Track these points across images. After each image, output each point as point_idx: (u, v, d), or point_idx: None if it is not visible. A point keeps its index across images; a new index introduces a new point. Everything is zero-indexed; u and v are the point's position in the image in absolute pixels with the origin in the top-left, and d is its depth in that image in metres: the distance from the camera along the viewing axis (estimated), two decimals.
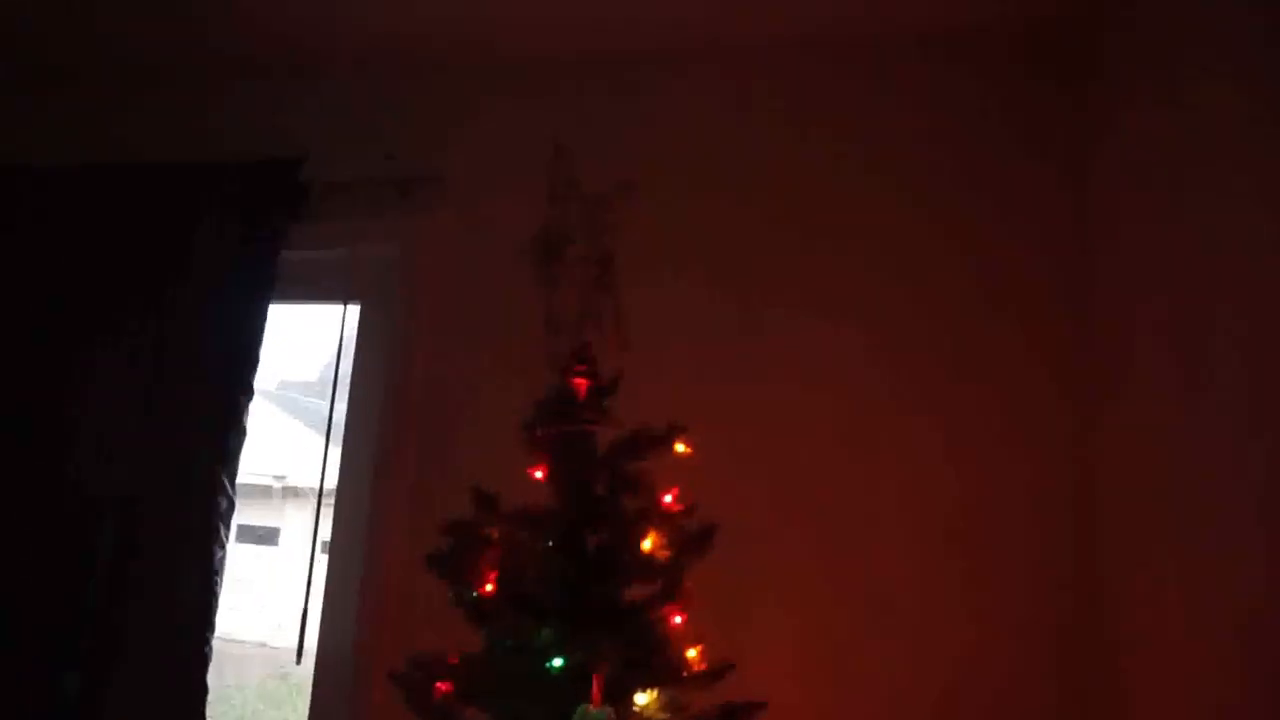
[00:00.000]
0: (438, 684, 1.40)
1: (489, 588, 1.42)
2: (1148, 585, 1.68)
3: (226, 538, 2.07)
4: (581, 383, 1.51)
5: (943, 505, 1.92)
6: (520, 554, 1.45)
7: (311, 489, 2.20)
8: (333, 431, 2.29)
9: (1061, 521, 1.87)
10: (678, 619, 1.40)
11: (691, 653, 1.40)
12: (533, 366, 1.53)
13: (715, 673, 1.40)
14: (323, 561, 2.20)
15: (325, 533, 2.21)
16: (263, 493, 3.75)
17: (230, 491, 2.10)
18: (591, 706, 1.25)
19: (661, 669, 1.37)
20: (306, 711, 2.13)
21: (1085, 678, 1.80)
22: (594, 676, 1.29)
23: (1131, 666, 1.72)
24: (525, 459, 1.50)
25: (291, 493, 3.77)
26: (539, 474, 1.49)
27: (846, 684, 1.85)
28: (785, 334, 2.04)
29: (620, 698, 1.31)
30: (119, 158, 2.38)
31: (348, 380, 2.31)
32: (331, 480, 2.24)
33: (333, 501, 2.23)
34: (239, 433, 2.13)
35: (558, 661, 1.32)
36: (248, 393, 2.16)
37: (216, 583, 2.03)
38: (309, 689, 2.14)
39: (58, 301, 2.28)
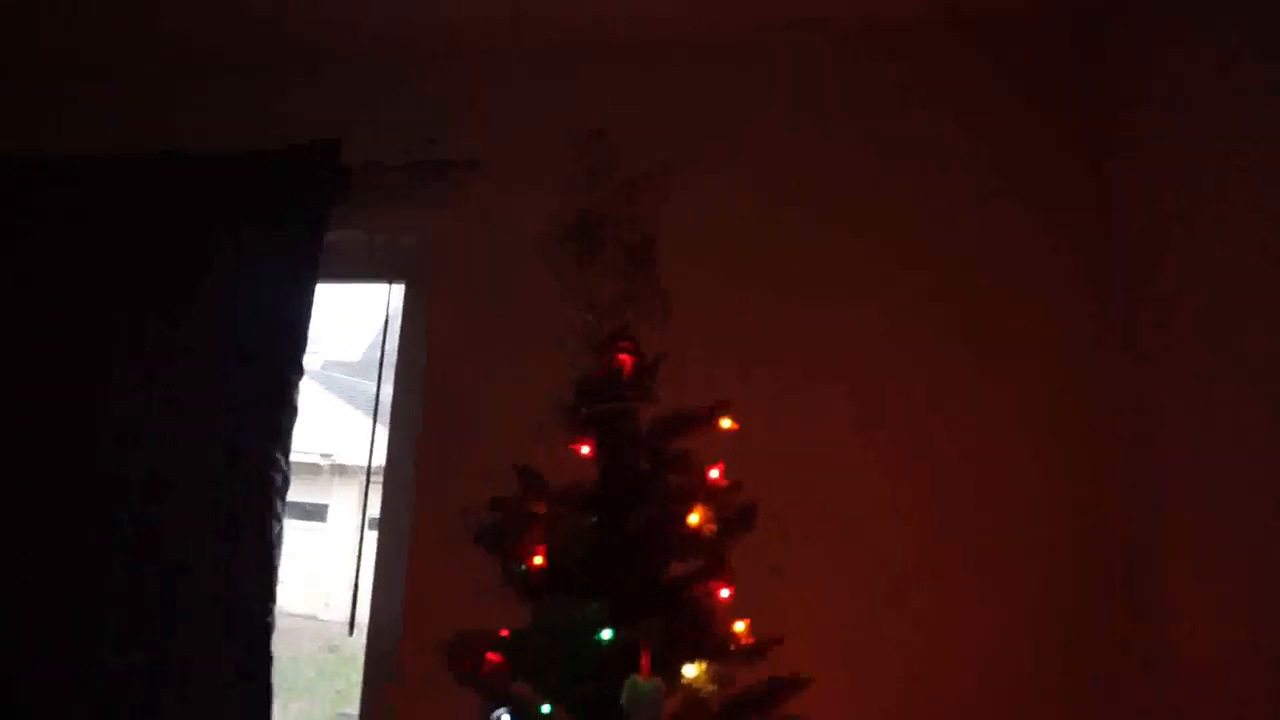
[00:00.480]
0: (488, 654, 1.43)
1: (538, 560, 1.45)
2: (1166, 574, 1.68)
3: (282, 512, 2.12)
4: (627, 359, 1.51)
5: (960, 492, 1.92)
6: (564, 531, 1.47)
7: (358, 466, 2.24)
8: (380, 410, 2.34)
9: (1079, 508, 1.87)
10: (724, 593, 1.41)
11: (739, 626, 1.41)
12: (568, 349, 1.53)
13: (761, 647, 1.41)
14: (372, 537, 2.25)
15: (374, 509, 2.26)
16: (311, 470, 3.84)
17: (285, 468, 2.15)
18: (641, 678, 1.27)
19: (708, 642, 1.38)
20: (359, 682, 2.18)
21: (1102, 666, 1.80)
22: (642, 650, 1.30)
23: (1148, 655, 1.71)
24: (562, 438, 1.51)
25: (339, 470, 3.86)
26: (585, 449, 1.50)
27: (862, 670, 1.85)
28: (806, 321, 2.06)
29: (668, 670, 1.32)
30: (158, 147, 2.41)
31: (393, 359, 2.35)
32: (379, 458, 2.28)
33: (380, 479, 2.28)
34: (290, 411, 2.18)
35: (607, 634, 1.33)
36: (297, 372, 2.20)
37: (275, 555, 2.08)
38: (360, 661, 2.20)
39: (99, 291, 2.31)
